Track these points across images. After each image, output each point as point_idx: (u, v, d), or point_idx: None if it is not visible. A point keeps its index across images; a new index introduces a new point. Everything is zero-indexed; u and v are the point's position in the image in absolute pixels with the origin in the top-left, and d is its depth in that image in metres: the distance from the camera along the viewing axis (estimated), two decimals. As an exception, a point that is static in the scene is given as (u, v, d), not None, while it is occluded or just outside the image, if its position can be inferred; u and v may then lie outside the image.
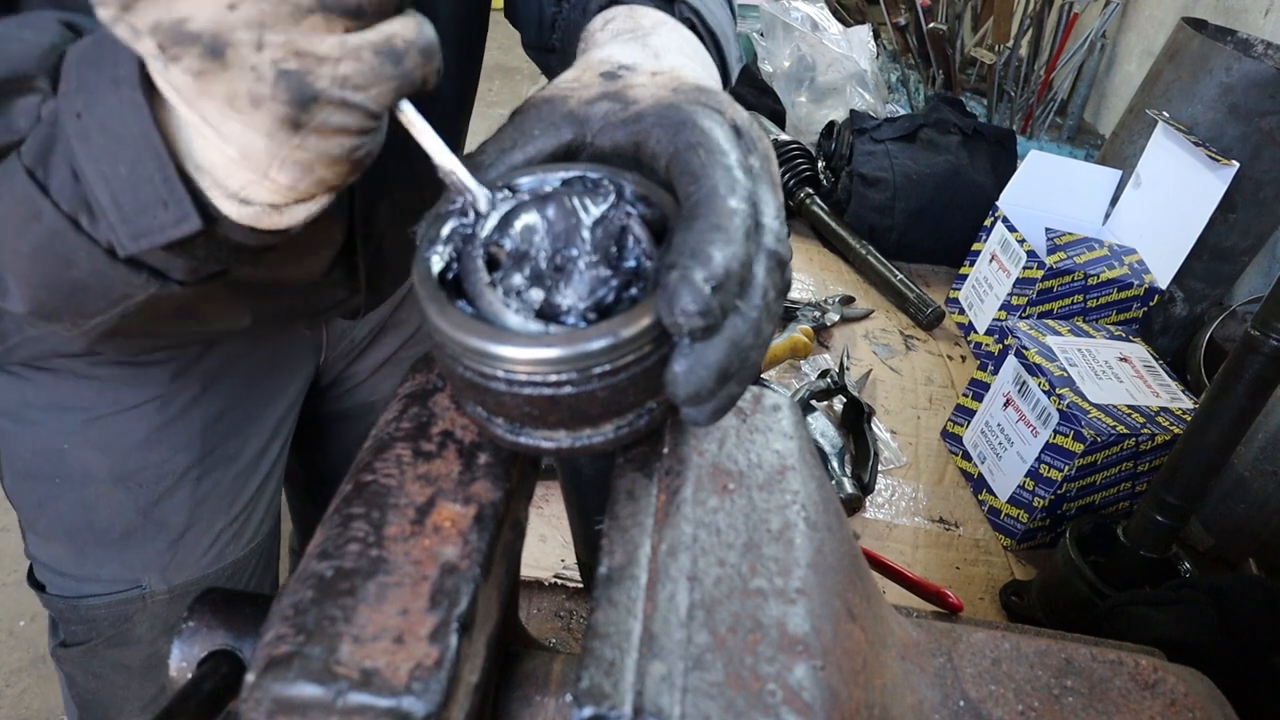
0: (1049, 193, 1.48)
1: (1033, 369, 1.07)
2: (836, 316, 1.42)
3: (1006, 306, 1.38)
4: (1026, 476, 1.06)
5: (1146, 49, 2.06)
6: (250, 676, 0.31)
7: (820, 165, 1.77)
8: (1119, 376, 1.11)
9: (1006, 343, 1.13)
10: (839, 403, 1.23)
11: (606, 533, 0.38)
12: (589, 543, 0.49)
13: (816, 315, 1.40)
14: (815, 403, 1.21)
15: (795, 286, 1.54)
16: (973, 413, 1.19)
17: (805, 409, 1.19)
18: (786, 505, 0.40)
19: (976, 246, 1.52)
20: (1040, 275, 1.31)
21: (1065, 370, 1.08)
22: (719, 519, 0.39)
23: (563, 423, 0.36)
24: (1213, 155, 1.25)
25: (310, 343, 0.92)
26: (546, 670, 0.41)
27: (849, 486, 1.07)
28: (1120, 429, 1.00)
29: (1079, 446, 0.99)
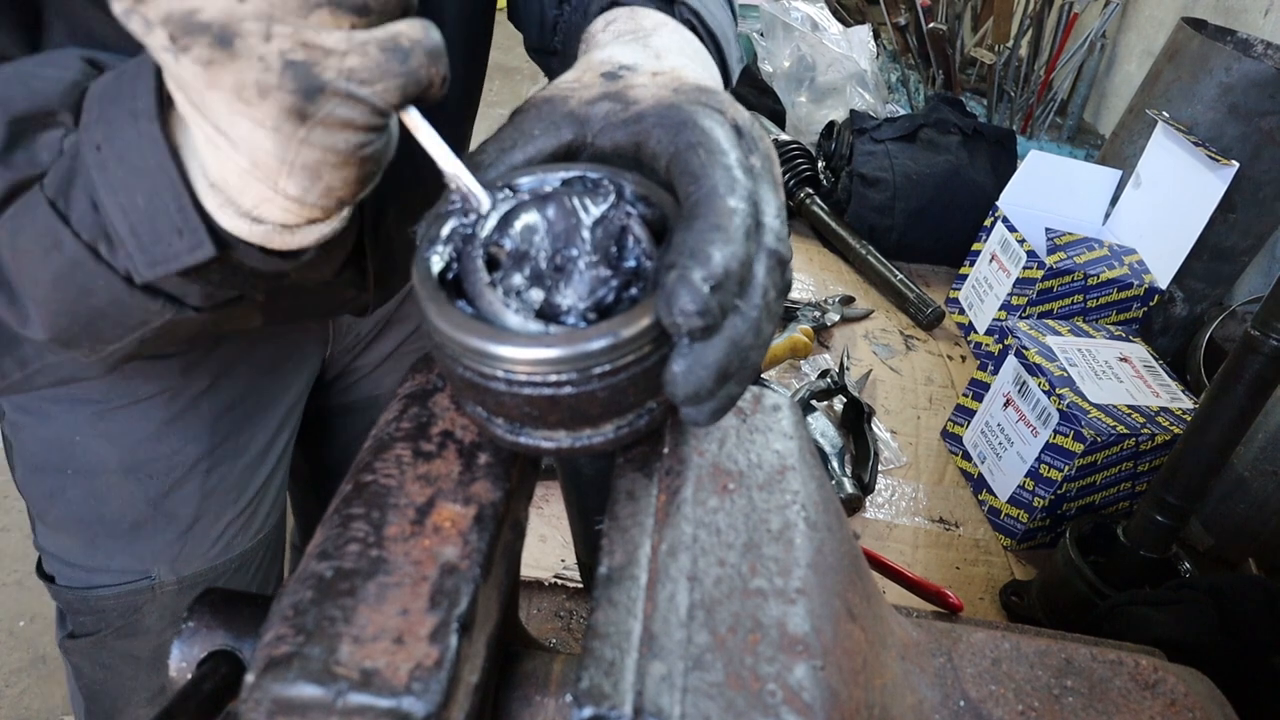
0: (1049, 193, 1.48)
1: (1033, 369, 1.07)
2: (836, 316, 1.42)
3: (1006, 306, 1.38)
4: (1026, 476, 1.06)
5: (1146, 49, 2.06)
6: (250, 677, 0.31)
7: (820, 165, 1.78)
8: (1119, 376, 1.11)
9: (1006, 343, 1.13)
10: (839, 403, 1.23)
11: (606, 533, 0.38)
12: (589, 543, 0.49)
13: (816, 315, 1.40)
14: (815, 403, 1.21)
15: (795, 286, 1.54)
16: (973, 413, 1.19)
17: (805, 409, 1.19)
18: (786, 505, 0.40)
19: (976, 246, 1.52)
20: (1040, 275, 1.31)
21: (1065, 370, 1.08)
22: (719, 519, 0.39)
23: (563, 423, 0.36)
24: (1213, 155, 1.25)
25: (317, 337, 0.93)
26: (546, 670, 0.41)
27: (849, 486, 1.07)
28: (1120, 429, 1.00)
29: (1079, 446, 0.99)
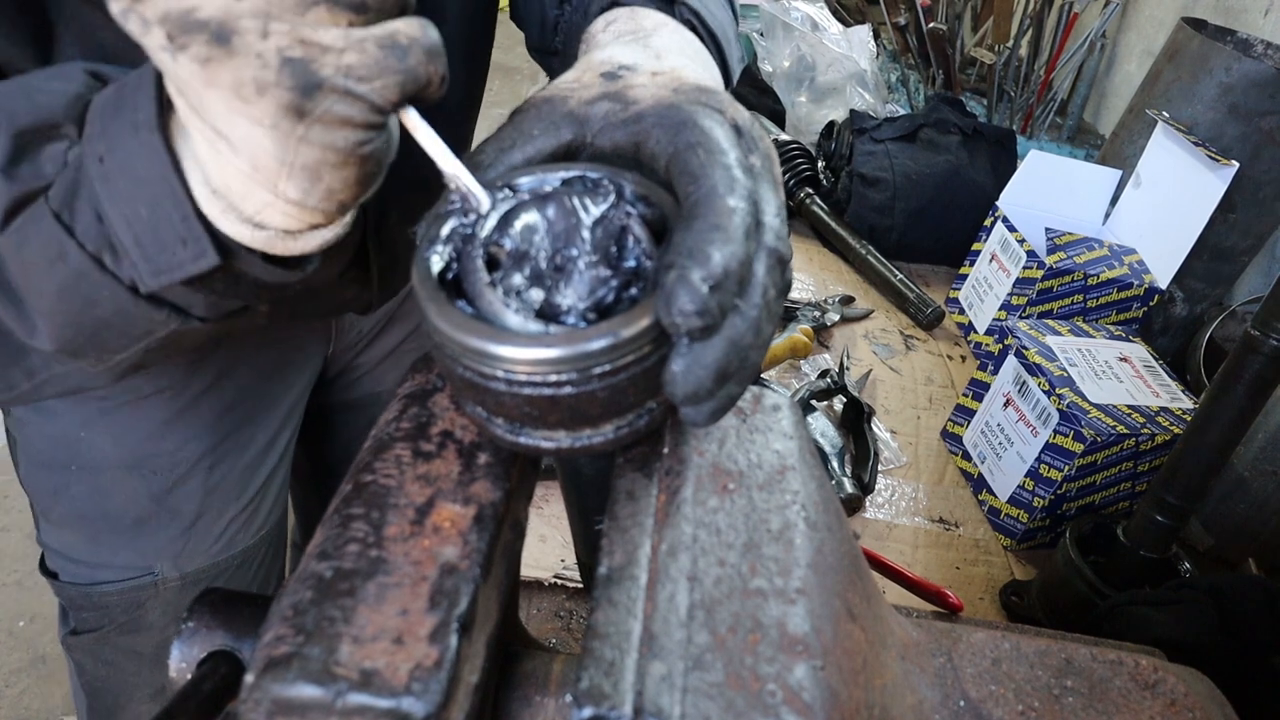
0: (1049, 193, 1.48)
1: (1033, 369, 1.07)
2: (836, 316, 1.42)
3: (1006, 306, 1.38)
4: (1026, 476, 1.06)
5: (1146, 49, 2.06)
6: (249, 677, 0.31)
7: (820, 165, 1.77)
8: (1119, 376, 1.11)
9: (1006, 343, 1.13)
10: (839, 403, 1.23)
11: (606, 533, 0.38)
12: (589, 543, 0.49)
13: (816, 315, 1.40)
14: (815, 403, 1.21)
15: (795, 286, 1.54)
16: (973, 413, 1.19)
17: (805, 409, 1.19)
18: (786, 505, 0.40)
19: (976, 246, 1.51)
20: (1040, 275, 1.31)
21: (1065, 370, 1.08)
22: (719, 519, 0.39)
23: (562, 423, 0.36)
24: (1213, 155, 1.25)
25: (320, 335, 0.93)
26: (546, 670, 0.41)
27: (849, 486, 1.07)
28: (1120, 429, 1.00)
29: (1079, 446, 0.99)
